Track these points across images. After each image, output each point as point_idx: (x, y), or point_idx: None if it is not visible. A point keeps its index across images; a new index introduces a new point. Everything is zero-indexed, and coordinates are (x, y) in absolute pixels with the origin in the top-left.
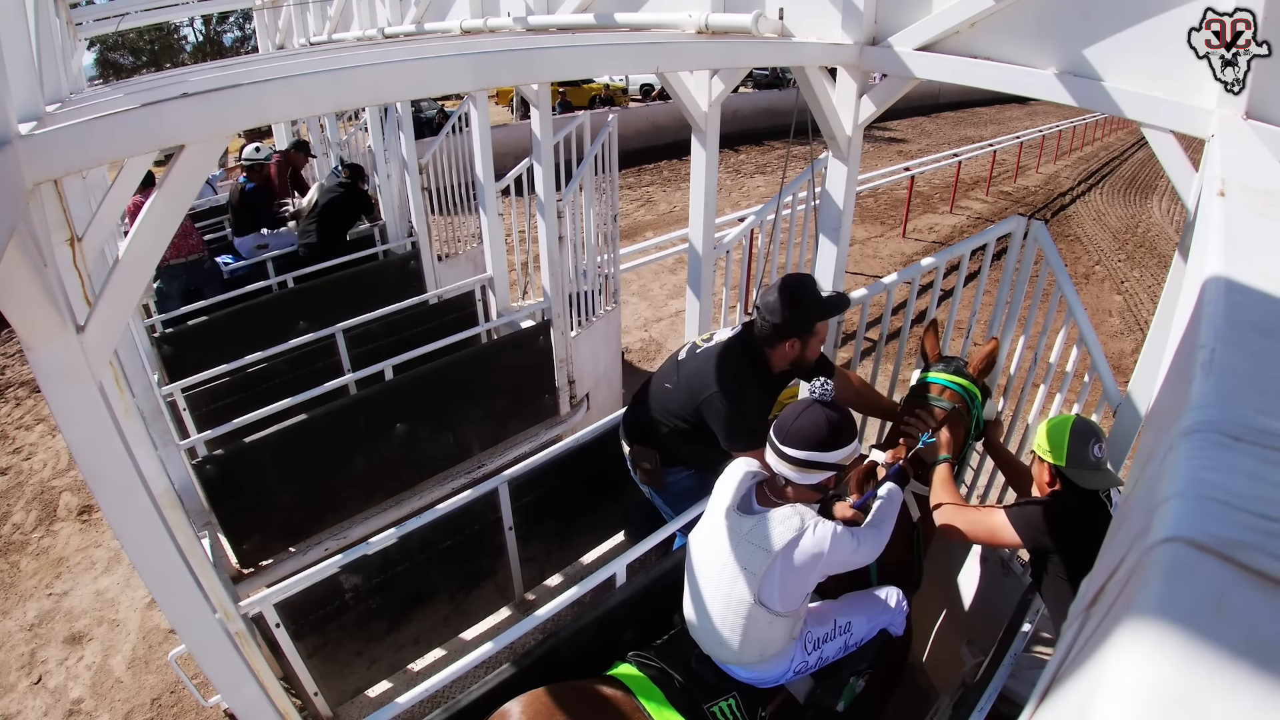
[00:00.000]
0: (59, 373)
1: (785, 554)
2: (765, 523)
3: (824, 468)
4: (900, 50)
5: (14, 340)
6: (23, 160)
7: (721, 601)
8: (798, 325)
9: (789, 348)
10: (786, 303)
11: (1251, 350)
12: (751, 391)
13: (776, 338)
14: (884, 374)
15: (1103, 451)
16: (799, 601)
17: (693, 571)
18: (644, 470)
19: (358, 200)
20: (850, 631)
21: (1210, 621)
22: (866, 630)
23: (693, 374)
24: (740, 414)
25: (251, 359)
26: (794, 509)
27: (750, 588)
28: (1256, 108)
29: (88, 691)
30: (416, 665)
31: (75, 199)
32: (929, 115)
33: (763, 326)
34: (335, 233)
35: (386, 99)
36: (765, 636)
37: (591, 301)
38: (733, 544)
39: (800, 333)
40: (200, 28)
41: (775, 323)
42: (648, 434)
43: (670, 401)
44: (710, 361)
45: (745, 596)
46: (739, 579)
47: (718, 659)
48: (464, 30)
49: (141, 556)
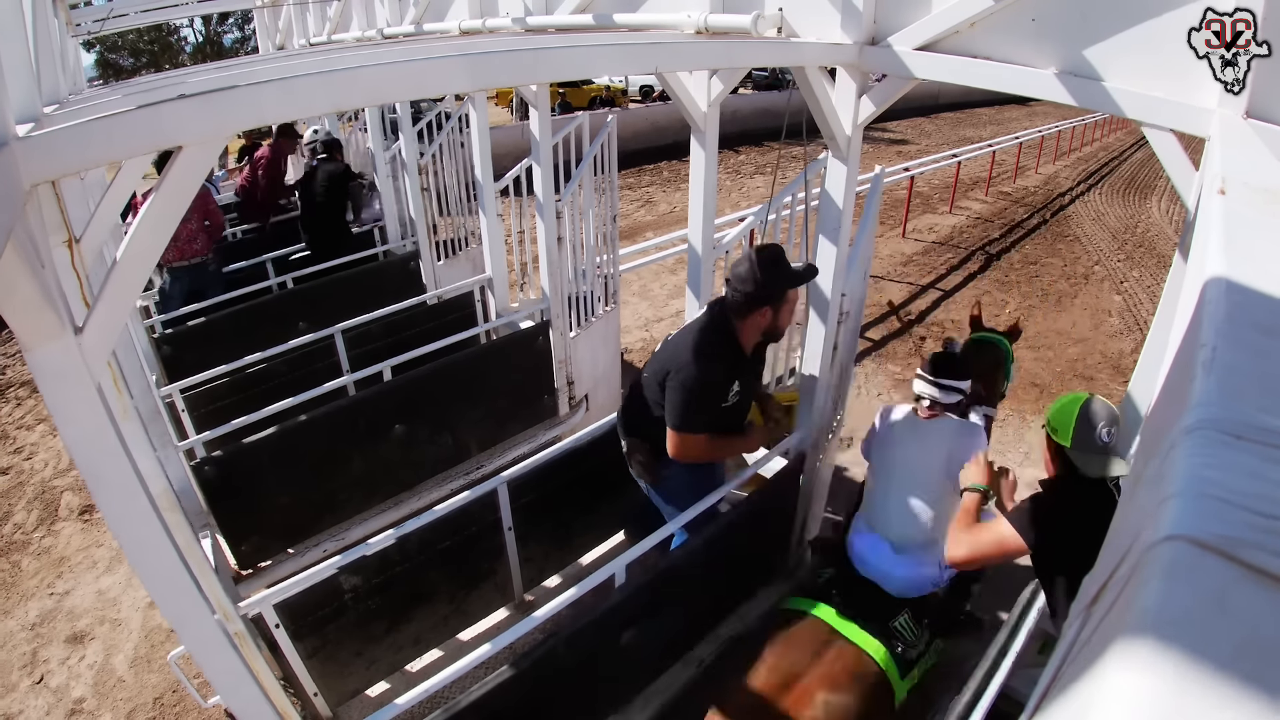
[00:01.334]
0: (57, 374)
1: (956, 438)
2: (938, 424)
3: (957, 390)
4: (900, 50)
5: (14, 340)
6: (20, 161)
7: (921, 485)
8: (771, 292)
9: (761, 316)
10: (758, 271)
11: (1252, 349)
12: (715, 364)
13: (749, 307)
14: (884, 374)
15: (1113, 436)
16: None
17: (887, 472)
18: (639, 464)
19: (348, 173)
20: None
21: (1211, 619)
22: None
23: (666, 357)
24: (696, 389)
25: (250, 360)
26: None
27: (942, 468)
28: (1256, 107)
29: (90, 691)
30: (416, 666)
31: (73, 200)
32: (928, 115)
33: (734, 297)
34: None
35: (385, 99)
36: (948, 511)
37: (591, 302)
38: (919, 441)
39: (773, 300)
40: (200, 28)
41: (748, 291)
42: (640, 427)
43: (650, 391)
44: (680, 340)
45: (938, 474)
46: (932, 464)
47: (899, 547)
48: (463, 31)
49: (140, 558)
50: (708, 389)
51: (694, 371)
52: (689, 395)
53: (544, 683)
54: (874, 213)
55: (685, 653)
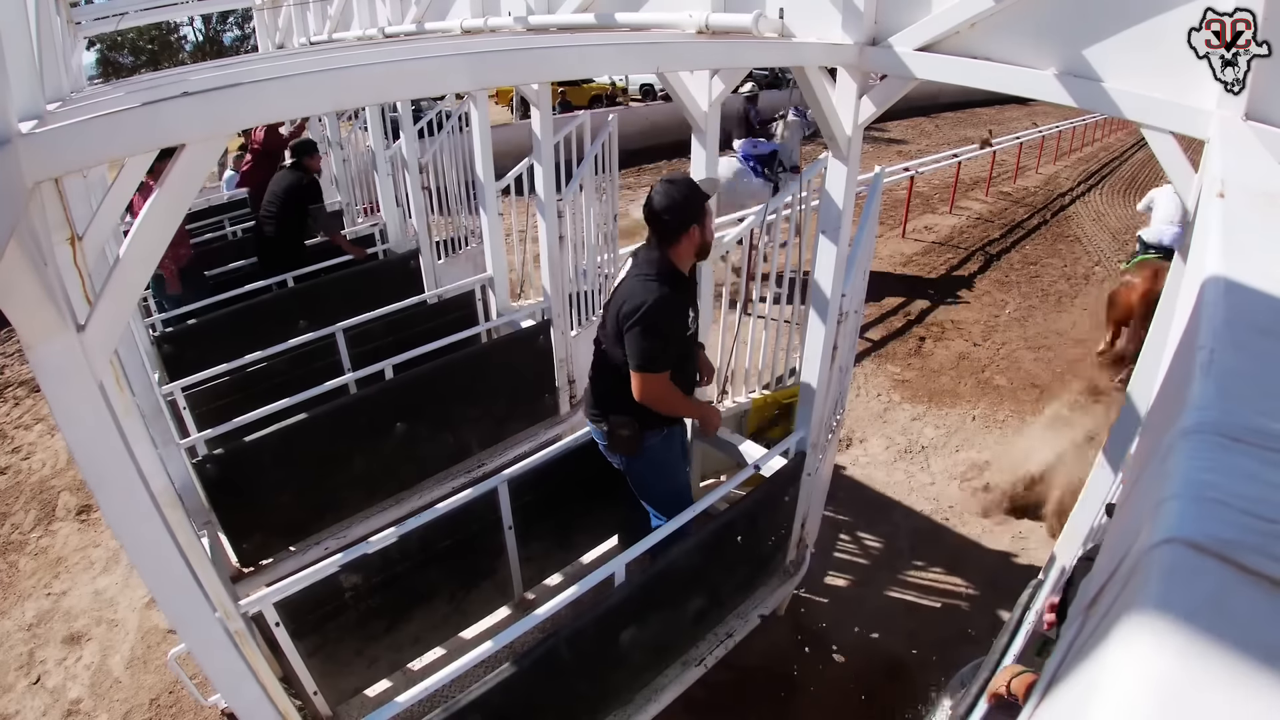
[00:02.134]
0: (59, 372)
1: None
2: None
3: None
4: (900, 50)
5: (14, 339)
6: (23, 159)
7: None
8: (696, 208)
9: (693, 234)
10: (681, 192)
11: (1251, 351)
12: (669, 293)
13: (680, 229)
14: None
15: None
16: None
17: None
18: (623, 438)
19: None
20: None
21: (1209, 623)
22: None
23: (616, 313)
24: (660, 321)
25: (252, 358)
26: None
27: None
28: (1256, 108)
29: (86, 691)
30: (416, 664)
31: (75, 198)
32: (929, 115)
33: (666, 225)
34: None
35: (386, 98)
36: None
37: (592, 301)
38: None
39: (699, 215)
40: (200, 27)
41: (677, 213)
42: (614, 402)
43: (610, 354)
44: (624, 290)
45: None
46: None
47: None
48: (464, 30)
49: (141, 556)
50: (671, 320)
51: (652, 306)
52: (654, 331)
53: (544, 682)
54: (874, 213)
55: (685, 652)
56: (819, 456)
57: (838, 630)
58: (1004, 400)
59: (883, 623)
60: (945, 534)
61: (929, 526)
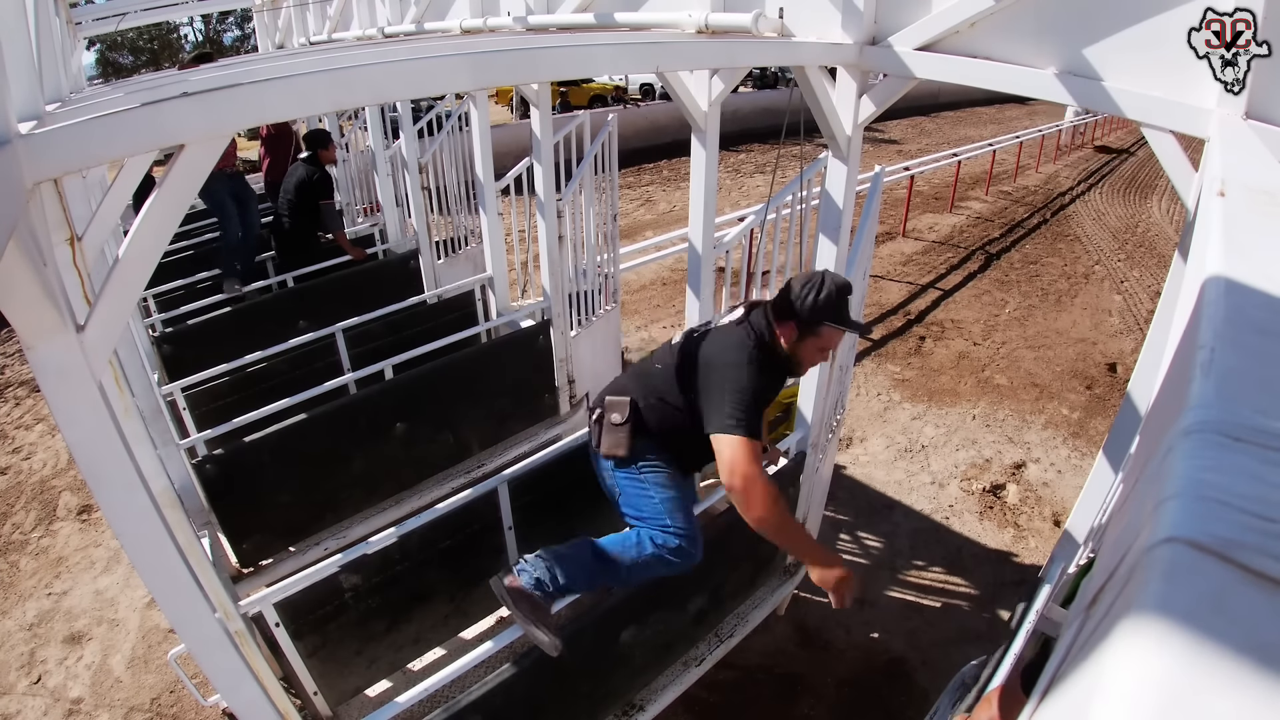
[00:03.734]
0: (59, 372)
1: None
2: None
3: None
4: (900, 50)
5: (14, 340)
6: (23, 159)
7: None
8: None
9: (786, 330)
10: (817, 289)
11: (1251, 350)
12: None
13: (782, 314)
14: (884, 374)
15: None
16: None
17: None
18: (613, 426)
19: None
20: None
21: (1210, 622)
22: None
23: (693, 352)
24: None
25: (251, 358)
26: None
27: None
28: (1256, 108)
29: (87, 691)
30: (416, 665)
31: (75, 198)
32: (928, 115)
33: (780, 296)
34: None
35: (387, 98)
36: None
37: (591, 301)
38: None
39: (803, 323)
40: (200, 27)
41: (794, 299)
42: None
43: (659, 382)
44: (719, 339)
45: None
46: None
47: None
48: (464, 30)
49: (141, 556)
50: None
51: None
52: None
53: (544, 682)
54: (874, 213)
55: (685, 652)
56: (819, 456)
57: (838, 630)
58: (1004, 399)
59: (883, 623)
60: (945, 534)
61: (929, 526)
